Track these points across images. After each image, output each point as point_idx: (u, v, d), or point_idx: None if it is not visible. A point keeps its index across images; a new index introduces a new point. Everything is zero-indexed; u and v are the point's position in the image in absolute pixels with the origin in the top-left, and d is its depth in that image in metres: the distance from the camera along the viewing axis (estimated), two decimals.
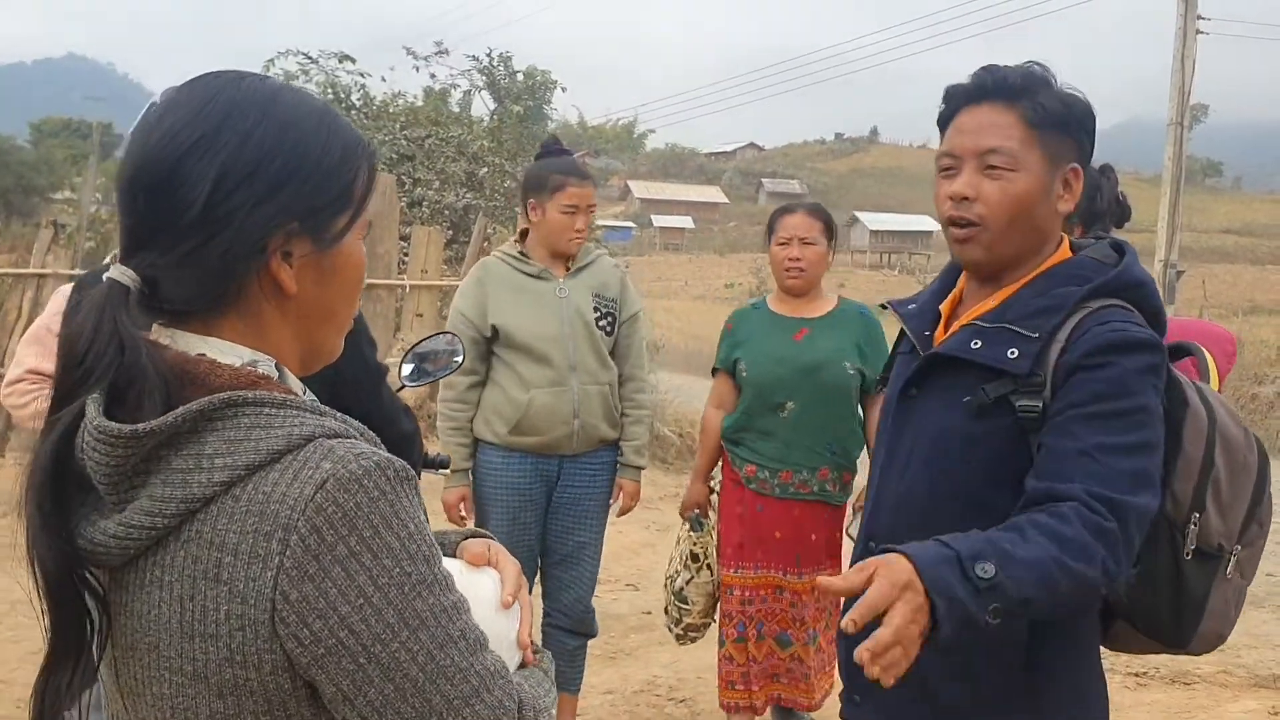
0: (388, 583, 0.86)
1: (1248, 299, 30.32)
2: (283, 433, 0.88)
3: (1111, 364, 1.62)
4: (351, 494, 0.86)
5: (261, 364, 0.96)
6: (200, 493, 0.87)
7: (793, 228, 3.56)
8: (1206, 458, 1.70)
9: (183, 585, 0.88)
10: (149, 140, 0.93)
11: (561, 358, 3.44)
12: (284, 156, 0.94)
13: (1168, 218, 15.08)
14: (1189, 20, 14.85)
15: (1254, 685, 4.82)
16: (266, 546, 0.85)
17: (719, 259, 52.59)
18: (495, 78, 22.07)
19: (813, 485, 3.52)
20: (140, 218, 0.93)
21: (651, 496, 8.73)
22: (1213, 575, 1.73)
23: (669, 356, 14.43)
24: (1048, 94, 1.73)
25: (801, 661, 3.55)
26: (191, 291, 0.93)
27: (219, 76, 0.97)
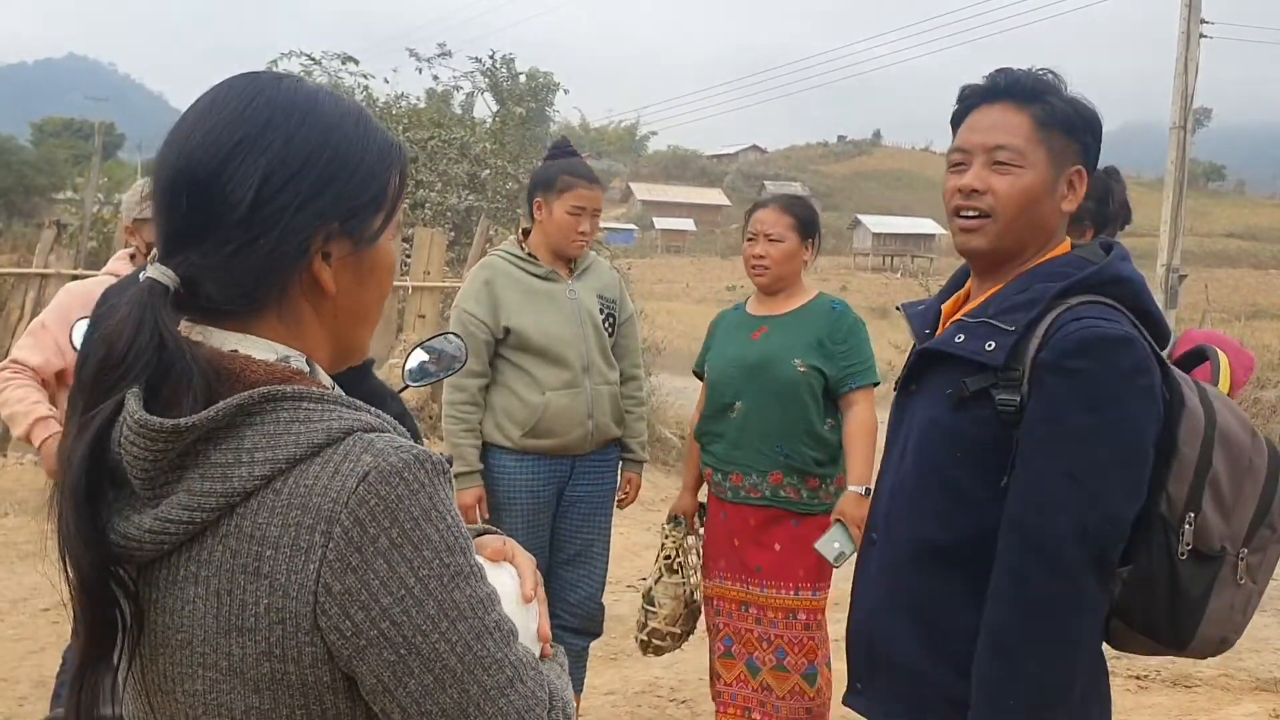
0: (428, 574, 0.87)
1: (1250, 303, 30.30)
2: (322, 426, 0.89)
3: (1085, 369, 1.67)
4: (393, 486, 0.87)
5: (294, 359, 0.97)
6: (241, 486, 0.87)
7: (758, 223, 3.38)
8: (1203, 458, 1.72)
9: (220, 580, 0.88)
10: (190, 140, 0.94)
11: (576, 359, 3.46)
12: (326, 157, 0.96)
13: (1170, 221, 15.06)
14: (1192, 24, 14.84)
15: (1255, 688, 4.82)
16: (309, 539, 0.86)
17: (721, 261, 52.56)
18: (498, 80, 22.08)
19: (764, 490, 3.30)
20: (183, 217, 0.93)
21: (652, 498, 8.72)
22: (1212, 577, 1.74)
23: (670, 359, 14.41)
24: (1058, 98, 1.80)
25: (770, 691, 3.30)
26: (232, 291, 0.94)
27: (257, 78, 0.98)
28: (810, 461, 3.28)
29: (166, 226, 0.94)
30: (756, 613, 3.32)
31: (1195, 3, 14.92)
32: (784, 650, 3.29)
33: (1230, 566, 1.75)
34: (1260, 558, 1.78)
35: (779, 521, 3.30)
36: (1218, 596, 1.74)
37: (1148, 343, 1.75)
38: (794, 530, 3.30)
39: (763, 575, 3.30)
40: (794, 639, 3.29)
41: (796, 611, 3.28)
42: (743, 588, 3.34)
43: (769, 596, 3.29)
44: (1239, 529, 1.75)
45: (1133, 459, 1.68)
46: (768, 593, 3.30)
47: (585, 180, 3.48)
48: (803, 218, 3.40)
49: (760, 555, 3.31)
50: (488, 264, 3.59)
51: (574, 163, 3.55)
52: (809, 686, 3.28)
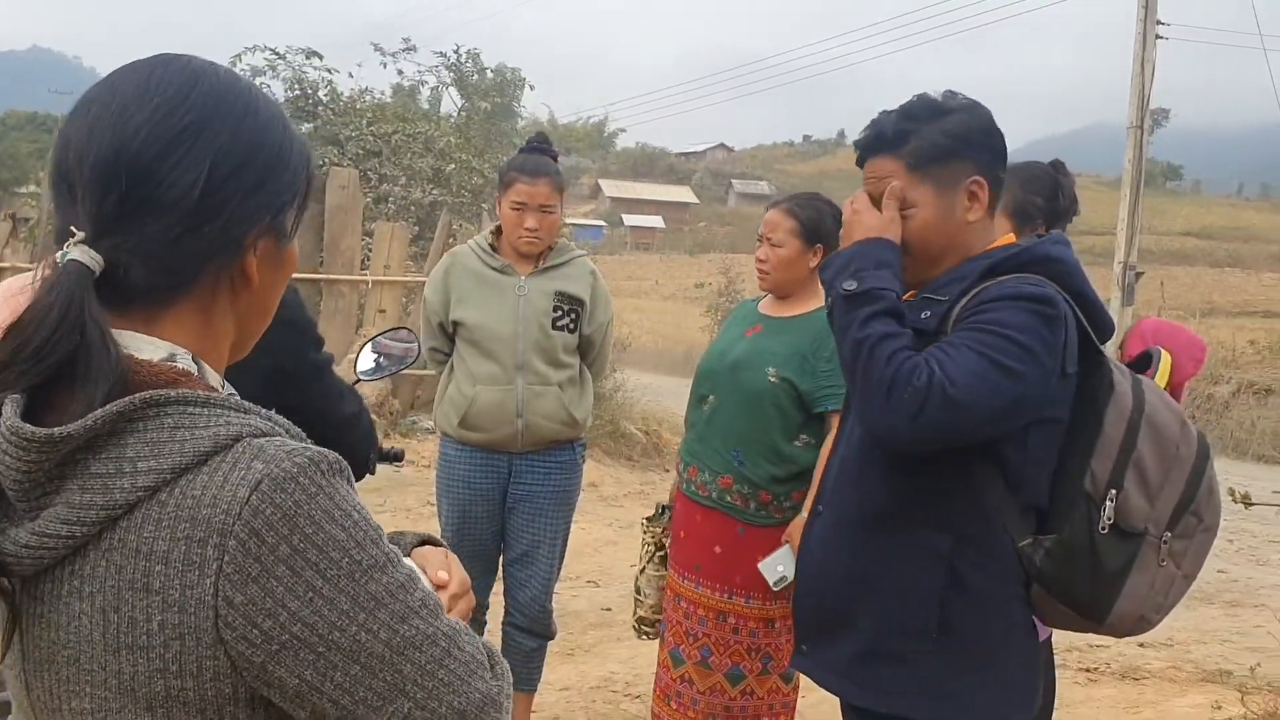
0: (337, 574, 0.85)
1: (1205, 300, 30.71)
2: (209, 433, 0.85)
3: (997, 307, 1.81)
4: (288, 493, 0.84)
5: (181, 358, 0.93)
6: (122, 498, 0.83)
7: (765, 225, 3.26)
8: (1127, 439, 1.83)
9: (105, 596, 0.84)
10: (129, 121, 0.90)
11: (509, 356, 3.43)
12: (267, 151, 0.96)
13: (1128, 220, 15.27)
14: (1148, 25, 15.05)
15: (1201, 680, 4.91)
16: (201, 553, 0.82)
17: (689, 259, 52.58)
18: (463, 75, 21.97)
19: (711, 490, 3.18)
20: (119, 200, 0.89)
21: (615, 494, 8.74)
22: (1132, 554, 1.83)
23: (637, 355, 14.44)
24: (928, 132, 1.92)
25: (691, 684, 3.23)
26: (159, 280, 0.91)
27: (190, 62, 0.96)
28: (765, 477, 3.12)
29: (97, 208, 0.89)
30: (687, 607, 3.27)
31: (1152, 4, 15.13)
32: (709, 649, 3.23)
33: (1152, 547, 1.85)
34: (1185, 544, 1.88)
35: (723, 524, 3.19)
36: (1137, 574, 1.84)
37: (1079, 321, 1.86)
38: (738, 537, 3.17)
39: (700, 574, 3.23)
40: (721, 639, 3.21)
41: (726, 614, 3.20)
42: (679, 580, 3.29)
43: (702, 595, 3.23)
44: (1163, 513, 1.86)
45: (1006, 369, 1.76)
46: (701, 591, 3.22)
47: (527, 175, 3.41)
48: (807, 222, 3.19)
49: (700, 553, 3.24)
50: (452, 253, 3.67)
51: (524, 158, 3.51)
52: (731, 686, 3.22)
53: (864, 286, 1.86)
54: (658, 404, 10.98)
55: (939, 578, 1.88)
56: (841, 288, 1.89)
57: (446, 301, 3.53)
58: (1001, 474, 1.85)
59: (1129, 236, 15.10)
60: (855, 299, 1.87)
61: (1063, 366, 1.82)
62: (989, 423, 1.79)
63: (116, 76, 0.94)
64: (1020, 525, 1.86)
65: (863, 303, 1.86)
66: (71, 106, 0.95)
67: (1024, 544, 1.86)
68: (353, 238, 9.45)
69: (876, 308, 1.85)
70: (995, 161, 1.96)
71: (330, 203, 9.38)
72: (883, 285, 1.86)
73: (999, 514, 1.86)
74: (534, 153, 3.52)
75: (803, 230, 3.18)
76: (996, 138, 1.97)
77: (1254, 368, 15.77)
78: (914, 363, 1.78)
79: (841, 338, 1.90)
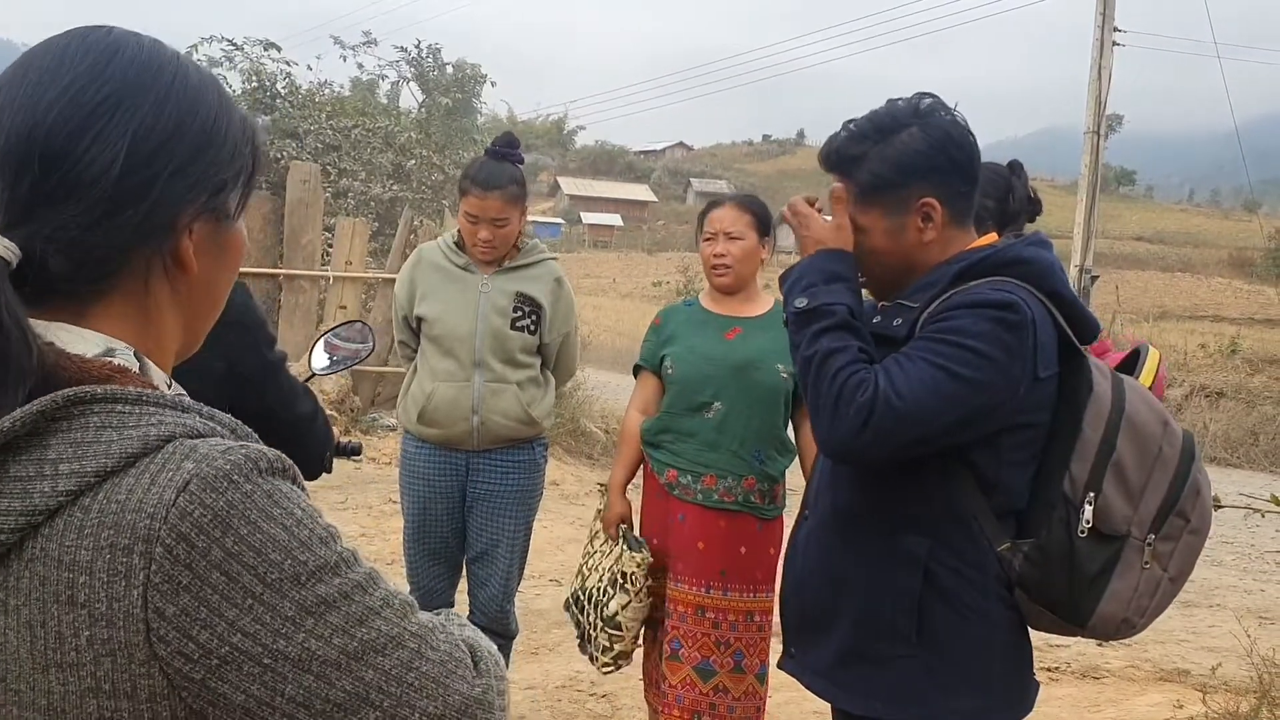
0: (279, 577, 0.78)
1: (1158, 305, 31.22)
2: (138, 433, 0.78)
3: (955, 315, 1.80)
4: (220, 492, 0.77)
5: (120, 354, 0.85)
6: (43, 504, 0.77)
7: (718, 222, 3.31)
8: (1106, 441, 1.82)
9: (30, 610, 0.77)
10: (40, 97, 0.83)
11: (466, 354, 3.41)
12: (199, 124, 0.88)
13: (1083, 224, 15.48)
14: (1106, 31, 15.26)
15: (1160, 679, 4.98)
16: (127, 562, 0.75)
17: (647, 257, 52.65)
18: (424, 70, 21.82)
19: (738, 495, 3.23)
20: (33, 184, 0.82)
21: (576, 493, 8.71)
22: (1113, 557, 1.82)
23: (595, 354, 14.43)
24: (876, 158, 1.91)
25: (726, 693, 3.24)
26: (83, 269, 0.83)
27: (110, 31, 0.88)
28: (779, 470, 3.29)
29: (9, 194, 0.82)
30: (714, 617, 3.25)
31: (1109, 11, 15.34)
32: (742, 653, 3.27)
33: (1135, 550, 1.83)
34: (1171, 546, 1.86)
35: (746, 525, 3.26)
36: (1120, 578, 1.83)
37: (1054, 321, 1.84)
38: (756, 533, 3.27)
39: (727, 579, 3.24)
40: (751, 641, 3.27)
41: (754, 613, 3.26)
42: (702, 592, 3.26)
43: (730, 600, 3.23)
44: (1146, 514, 1.84)
45: (960, 378, 1.75)
46: (730, 596, 3.23)
47: (479, 188, 3.34)
48: (760, 215, 3.34)
49: (727, 559, 3.25)
50: (419, 249, 3.65)
51: (481, 165, 3.42)
52: (760, 685, 3.29)
53: (814, 303, 1.87)
54: (617, 402, 10.96)
55: (916, 581, 1.87)
56: (794, 305, 1.90)
57: (412, 297, 3.53)
58: (975, 479, 1.84)
59: (1085, 240, 15.31)
60: (805, 315, 1.87)
61: (1034, 371, 1.80)
62: (944, 433, 1.78)
63: (30, 54, 0.87)
64: (998, 529, 1.85)
65: (812, 319, 1.86)
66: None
67: (1003, 548, 1.85)
68: (314, 233, 9.34)
69: (825, 324, 1.85)
70: (951, 176, 1.91)
71: (291, 197, 9.26)
72: (832, 300, 1.86)
73: (975, 519, 1.85)
74: (496, 158, 3.43)
75: (757, 223, 3.32)
76: (953, 151, 1.91)
77: (1205, 371, 16.05)
78: (860, 377, 1.78)
79: (793, 354, 1.91)
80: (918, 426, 1.76)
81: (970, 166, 1.94)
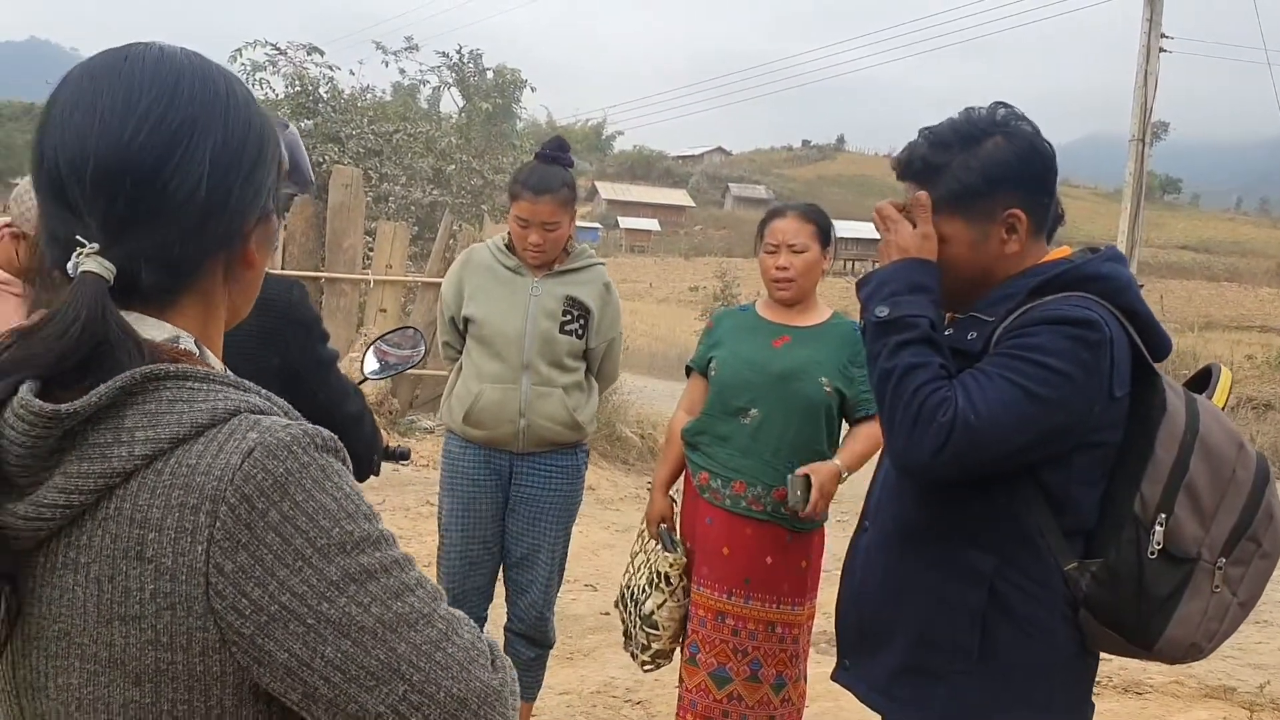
0: (327, 543, 0.85)
1: (1203, 314, 30.78)
2: (206, 406, 0.86)
3: (1034, 331, 1.77)
4: (280, 460, 0.84)
5: (184, 340, 0.93)
6: (120, 466, 0.83)
7: (781, 233, 3.23)
8: (1179, 463, 1.77)
9: (100, 566, 0.84)
10: (121, 126, 0.88)
11: (515, 355, 3.40)
12: (255, 133, 0.95)
13: (1127, 232, 15.28)
14: (1153, 38, 15.06)
15: (1205, 696, 4.89)
16: (194, 520, 0.83)
17: (684, 262, 52.66)
18: (465, 75, 21.95)
19: (766, 504, 3.18)
20: (126, 207, 0.88)
21: (612, 497, 8.71)
22: (1183, 580, 1.78)
23: (632, 358, 14.42)
24: (961, 167, 1.86)
25: (740, 701, 3.23)
26: (168, 280, 0.91)
27: (161, 51, 0.94)
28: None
29: (103, 218, 0.88)
30: (734, 624, 3.23)
31: (1156, 17, 15.14)
32: (759, 662, 3.23)
33: (1205, 573, 1.79)
34: (1242, 570, 1.82)
35: (773, 534, 3.21)
36: (1190, 601, 1.78)
37: (1130, 339, 1.81)
38: (786, 544, 3.22)
39: (750, 587, 3.21)
40: (770, 651, 3.23)
41: (775, 624, 3.23)
42: (723, 598, 3.24)
43: (752, 609, 3.21)
44: (1218, 538, 1.79)
45: (1037, 397, 1.73)
46: (751, 604, 3.21)
47: (530, 191, 3.35)
48: (823, 225, 3.28)
49: (752, 567, 3.22)
50: (469, 250, 3.66)
51: (532, 169, 3.43)
52: (774, 695, 3.25)
53: (896, 314, 1.82)
54: (653, 407, 10.96)
55: (981, 598, 1.84)
56: (874, 314, 1.85)
57: (460, 297, 3.53)
58: (1044, 497, 1.81)
59: (1129, 249, 15.10)
60: (886, 326, 1.83)
61: (1110, 390, 1.77)
62: (1019, 453, 1.76)
63: (93, 77, 0.92)
64: (1065, 548, 1.82)
65: (893, 330, 1.82)
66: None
67: (1070, 567, 1.81)
68: (355, 237, 9.41)
69: (906, 336, 1.81)
70: (1037, 187, 1.88)
71: (333, 201, 9.34)
72: (915, 312, 1.82)
73: (1043, 537, 1.81)
74: (546, 161, 3.44)
75: (820, 234, 3.26)
76: (1036, 162, 1.88)
77: (1252, 383, 15.78)
78: (940, 396, 1.75)
79: (871, 364, 1.87)
80: (995, 447, 1.74)
81: (1051, 178, 1.91)
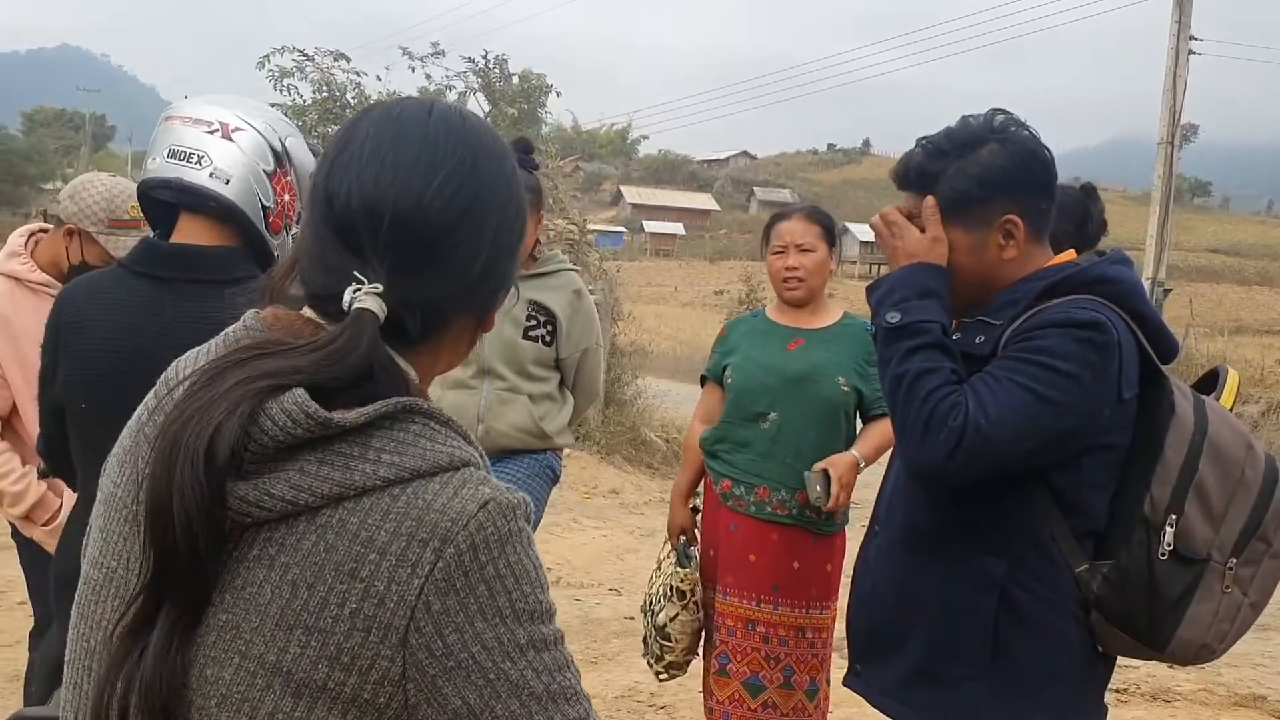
0: (524, 607, 0.89)
1: (1233, 318, 30.51)
2: (446, 450, 0.91)
3: (1043, 335, 1.78)
4: (508, 519, 0.89)
5: (412, 377, 0.98)
6: (361, 481, 0.86)
7: (789, 234, 3.25)
8: (1188, 464, 1.79)
9: (302, 571, 0.85)
10: (424, 185, 0.94)
11: (474, 359, 3.27)
12: (521, 216, 1.03)
13: (1156, 236, 15.16)
14: (1182, 40, 14.94)
15: (1234, 704, 4.84)
16: (419, 553, 0.85)
17: (709, 266, 52.60)
18: (490, 80, 22.04)
19: (791, 508, 3.17)
20: (410, 260, 0.94)
21: (636, 502, 8.73)
22: (1193, 581, 1.79)
23: (657, 362, 14.43)
24: (955, 175, 1.87)
25: (775, 709, 3.21)
26: (424, 330, 0.96)
27: (463, 119, 1.00)
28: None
29: (390, 265, 0.93)
30: (765, 631, 3.22)
31: (1185, 20, 15.02)
32: (792, 668, 3.22)
33: (1216, 574, 1.80)
34: (1252, 570, 1.83)
35: (798, 539, 3.21)
36: (1200, 602, 1.79)
37: (1137, 341, 1.82)
38: (811, 548, 3.22)
39: (779, 593, 3.20)
40: (801, 657, 3.22)
41: (805, 629, 3.22)
42: (752, 605, 3.23)
43: (782, 615, 3.20)
44: (1228, 538, 1.81)
45: (1047, 400, 1.74)
46: (781, 611, 3.20)
47: None
48: (828, 226, 3.32)
49: (779, 573, 3.21)
50: None
51: None
52: (809, 702, 3.24)
53: (906, 319, 1.84)
54: (677, 411, 10.96)
55: (992, 602, 1.85)
56: (886, 319, 1.86)
57: None
58: (1054, 499, 1.82)
59: (1158, 253, 14.99)
60: (898, 331, 1.84)
61: (1119, 392, 1.78)
62: (1029, 456, 1.77)
63: (396, 126, 0.97)
64: (1076, 550, 1.82)
65: (904, 336, 1.83)
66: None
67: (1081, 570, 1.82)
68: None
69: (917, 341, 1.82)
70: (1034, 193, 1.89)
71: None
72: (926, 318, 1.83)
73: (1054, 540, 1.82)
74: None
75: (826, 234, 3.29)
76: (1035, 167, 1.89)
77: None
78: (951, 401, 1.76)
79: (882, 370, 1.88)
80: (1006, 450, 1.75)
81: (1050, 183, 1.92)
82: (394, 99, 1.05)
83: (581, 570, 6.55)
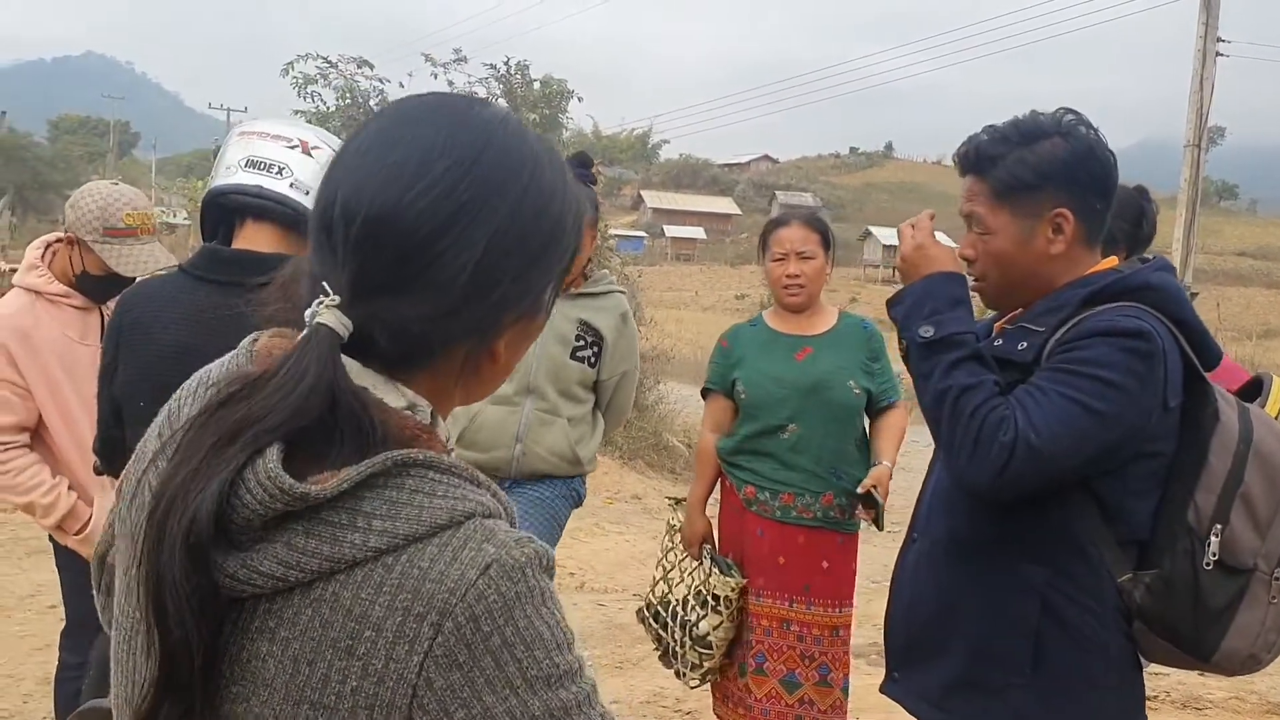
0: (536, 674, 0.81)
1: (1262, 322, 30.24)
2: (445, 505, 0.82)
3: (1088, 345, 1.77)
4: (514, 582, 0.81)
5: (420, 410, 0.89)
6: (350, 554, 0.80)
7: (788, 242, 3.34)
8: (1233, 473, 1.77)
9: (302, 646, 0.80)
10: (409, 185, 0.84)
11: (519, 377, 3.20)
12: (544, 229, 0.89)
13: (1183, 239, 15.03)
14: (1209, 42, 14.82)
15: (1266, 712, 4.78)
16: (416, 629, 0.79)
17: (730, 270, 52.61)
18: (512, 86, 22.11)
19: (816, 511, 3.27)
20: (385, 268, 0.84)
21: (658, 507, 8.72)
22: (1239, 591, 1.77)
23: (678, 366, 14.42)
24: (1016, 160, 1.88)
25: (813, 705, 3.28)
26: (405, 354, 0.87)
27: (485, 120, 0.89)
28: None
29: (355, 274, 0.84)
30: (799, 629, 3.29)
31: (1212, 22, 14.91)
32: (827, 666, 3.30)
33: (1262, 583, 1.78)
34: None
35: (825, 540, 3.30)
36: (1246, 612, 1.77)
37: (1180, 349, 1.80)
38: (839, 546, 3.32)
39: (811, 593, 3.28)
40: (836, 655, 3.30)
41: (839, 628, 3.30)
42: (785, 606, 3.30)
43: (815, 615, 3.28)
44: (1274, 548, 1.79)
45: (1095, 412, 1.72)
46: (814, 610, 3.28)
47: None
48: (825, 232, 3.42)
49: (810, 574, 3.28)
50: None
51: None
52: (845, 699, 3.32)
53: (942, 332, 1.82)
54: (698, 416, 10.93)
55: (1034, 610, 1.83)
56: (919, 334, 1.85)
57: None
58: (1098, 508, 1.80)
59: (1184, 256, 14.86)
60: (934, 345, 1.83)
61: (1164, 400, 1.76)
62: (1080, 468, 1.76)
63: (402, 121, 0.88)
64: (1119, 559, 1.81)
65: (942, 349, 1.82)
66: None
67: (1124, 579, 1.80)
68: None
69: (957, 355, 1.81)
70: (1089, 191, 1.88)
71: None
72: (961, 329, 1.83)
73: (1096, 548, 1.81)
74: None
75: (824, 241, 3.40)
76: (1094, 165, 1.88)
77: None
78: (999, 415, 1.75)
79: (922, 385, 1.86)
80: (1057, 464, 1.74)
81: (1108, 185, 1.91)
82: (411, 95, 0.94)
83: (605, 575, 6.56)
